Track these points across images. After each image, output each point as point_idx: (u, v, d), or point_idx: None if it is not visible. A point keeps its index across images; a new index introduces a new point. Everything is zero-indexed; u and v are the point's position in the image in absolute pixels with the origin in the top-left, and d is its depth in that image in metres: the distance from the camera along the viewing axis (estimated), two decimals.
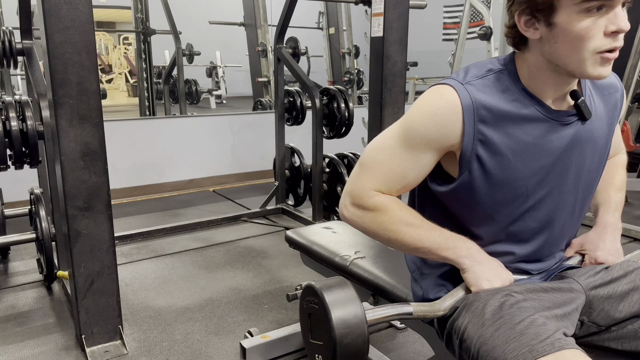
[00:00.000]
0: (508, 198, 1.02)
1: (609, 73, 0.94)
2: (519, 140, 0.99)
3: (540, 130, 1.00)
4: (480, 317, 0.96)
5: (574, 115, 1.02)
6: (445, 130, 0.99)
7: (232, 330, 2.15)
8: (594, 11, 0.88)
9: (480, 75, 1.01)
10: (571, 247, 1.18)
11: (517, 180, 1.01)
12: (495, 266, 1.05)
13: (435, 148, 1.01)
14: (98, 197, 1.87)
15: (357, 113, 3.49)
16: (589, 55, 0.91)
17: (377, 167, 1.06)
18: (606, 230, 1.17)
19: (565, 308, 1.00)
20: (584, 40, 0.90)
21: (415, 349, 2.00)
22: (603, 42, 0.90)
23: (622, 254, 1.16)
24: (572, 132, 1.02)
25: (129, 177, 4.29)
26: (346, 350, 0.91)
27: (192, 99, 7.56)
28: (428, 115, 1.00)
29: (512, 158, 0.99)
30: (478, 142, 0.98)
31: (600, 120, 1.06)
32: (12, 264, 2.87)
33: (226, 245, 3.17)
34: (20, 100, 2.19)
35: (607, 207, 1.21)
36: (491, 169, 0.99)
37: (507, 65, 1.02)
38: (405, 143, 1.03)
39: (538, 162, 1.00)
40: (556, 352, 0.85)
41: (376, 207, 1.05)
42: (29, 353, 1.99)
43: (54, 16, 1.69)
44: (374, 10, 2.62)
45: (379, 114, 2.72)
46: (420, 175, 1.06)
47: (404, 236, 1.04)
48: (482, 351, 0.91)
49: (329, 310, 0.92)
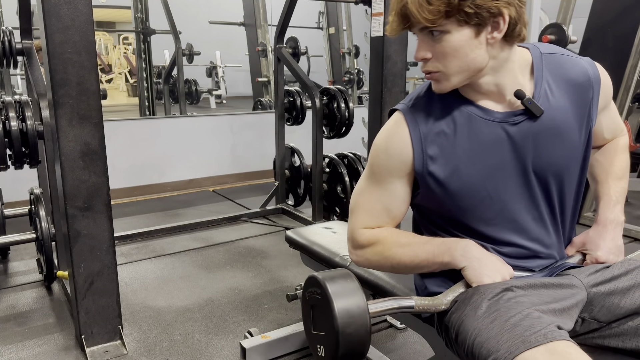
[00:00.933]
0: (473, 203, 1.06)
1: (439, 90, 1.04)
2: (465, 148, 1.04)
3: (486, 133, 1.04)
4: (477, 309, 0.97)
5: (522, 114, 1.03)
6: (399, 159, 1.08)
7: (232, 330, 2.15)
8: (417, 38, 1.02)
9: (422, 95, 1.10)
10: (572, 246, 1.18)
11: (475, 186, 1.05)
12: (494, 261, 1.06)
13: (400, 176, 1.10)
14: (98, 197, 1.87)
15: (357, 113, 3.49)
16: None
17: (361, 209, 1.16)
18: (606, 228, 1.17)
19: (563, 303, 1.00)
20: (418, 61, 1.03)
21: (415, 349, 2.00)
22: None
23: (622, 251, 1.16)
24: (524, 129, 1.04)
25: (129, 177, 4.29)
26: (348, 339, 0.92)
27: (192, 99, 7.56)
28: (380, 149, 1.11)
29: (462, 166, 1.04)
30: (428, 159, 1.06)
31: (564, 112, 1.06)
32: (12, 264, 2.87)
33: (226, 245, 3.17)
34: (20, 100, 2.19)
35: (607, 201, 1.20)
36: (445, 181, 1.05)
37: None
38: (374, 180, 1.13)
39: (490, 163, 1.04)
40: (548, 343, 0.86)
41: (370, 241, 1.14)
42: (29, 353, 1.99)
43: (54, 16, 1.69)
44: (374, 10, 2.62)
45: (379, 114, 2.72)
46: (402, 204, 1.13)
47: (402, 257, 1.11)
48: (477, 342, 0.92)
49: (332, 300, 0.93)
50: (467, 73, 1.00)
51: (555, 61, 1.09)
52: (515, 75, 1.04)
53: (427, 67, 1.01)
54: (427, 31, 0.97)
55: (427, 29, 0.96)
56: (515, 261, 1.11)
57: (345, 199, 3.28)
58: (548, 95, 1.05)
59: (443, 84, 1.02)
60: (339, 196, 3.34)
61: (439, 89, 1.03)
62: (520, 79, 1.05)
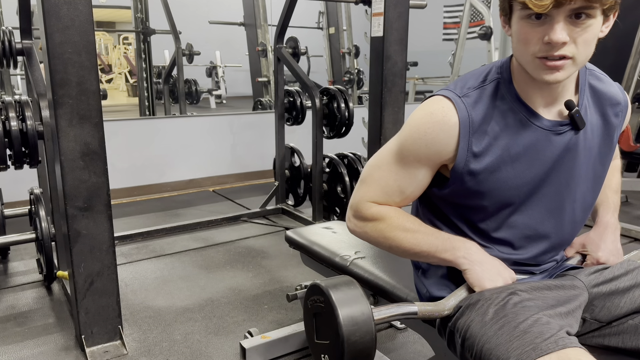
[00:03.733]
0: (500, 206, 1.05)
1: (555, 79, 0.95)
2: (510, 151, 1.01)
3: (532, 140, 1.02)
4: (484, 315, 0.96)
5: (567, 124, 1.03)
6: (436, 149, 1.03)
7: (232, 330, 2.15)
8: (533, 19, 0.92)
9: (476, 86, 1.04)
10: (572, 247, 1.18)
11: (509, 190, 1.03)
12: (496, 265, 1.06)
13: (429, 165, 1.06)
14: (98, 197, 1.87)
15: (357, 113, 3.49)
16: (530, 58, 0.95)
17: (376, 183, 1.12)
18: (607, 231, 1.18)
19: (568, 306, 1.00)
20: (523, 44, 0.95)
21: (415, 349, 1.99)
22: (540, 48, 0.93)
23: (622, 254, 1.17)
24: (565, 141, 1.03)
25: (129, 177, 4.29)
26: (354, 348, 0.91)
27: (192, 99, 7.56)
28: (418, 135, 1.04)
29: (503, 168, 1.02)
30: (471, 156, 1.01)
31: (594, 131, 1.07)
32: (12, 264, 2.86)
33: (226, 245, 3.17)
34: (20, 100, 2.19)
35: (607, 207, 1.22)
36: (483, 180, 1.03)
37: (502, 72, 1.04)
38: (399, 160, 1.08)
39: (530, 171, 1.02)
40: (560, 351, 0.85)
41: (374, 216, 1.11)
42: (29, 353, 1.99)
43: (54, 16, 1.69)
44: (374, 10, 2.62)
45: (379, 114, 2.72)
46: (418, 189, 1.10)
47: (403, 242, 1.08)
48: (485, 349, 0.92)
49: (336, 308, 0.92)
50: (585, 63, 0.97)
51: (596, 78, 1.09)
52: (570, 81, 1.03)
53: (562, 51, 0.91)
54: (576, 14, 0.90)
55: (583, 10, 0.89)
56: (520, 266, 1.11)
57: (345, 199, 3.28)
58: (587, 109, 1.06)
59: (566, 72, 0.94)
60: (339, 196, 3.34)
61: (556, 79, 0.94)
62: (570, 88, 1.04)
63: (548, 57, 0.92)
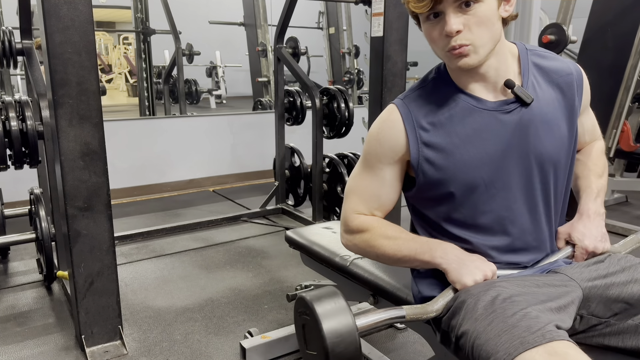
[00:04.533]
0: (467, 190, 1.09)
1: (466, 64, 1.03)
2: (459, 135, 1.08)
3: (480, 122, 1.08)
4: (473, 312, 0.97)
5: (514, 102, 1.08)
6: (389, 145, 1.13)
7: (232, 330, 2.15)
8: (431, 18, 1.02)
9: (416, 87, 1.16)
10: (560, 238, 1.19)
11: (469, 172, 1.08)
12: (473, 259, 1.08)
13: (389, 163, 1.14)
14: (98, 197, 1.87)
15: (357, 113, 3.49)
16: (442, 53, 1.05)
17: (354, 193, 1.21)
18: (589, 218, 1.19)
19: (560, 301, 1.00)
20: (433, 42, 1.06)
21: (415, 349, 2.00)
22: (445, 42, 1.02)
23: (608, 238, 1.18)
24: (516, 117, 1.08)
25: (129, 177, 4.29)
26: (339, 359, 0.92)
27: (192, 99, 7.56)
28: (372, 137, 1.17)
29: (457, 152, 1.08)
30: (423, 146, 1.10)
31: (551, 104, 1.11)
32: (12, 264, 2.87)
33: (226, 245, 3.17)
34: (20, 100, 2.19)
35: (589, 193, 1.23)
36: (441, 166, 1.09)
37: (439, 70, 1.14)
38: (366, 166, 1.19)
39: (484, 151, 1.07)
40: (546, 344, 0.86)
41: (360, 227, 1.19)
42: (29, 353, 1.99)
43: (54, 16, 1.69)
44: (374, 10, 2.62)
45: (379, 114, 2.71)
46: (391, 191, 1.17)
47: (386, 249, 1.15)
48: (476, 345, 0.93)
49: (320, 322, 0.94)
50: (492, 44, 1.04)
51: (539, 56, 1.15)
52: (508, 64, 1.09)
53: (459, 41, 1.00)
54: (465, 2, 0.98)
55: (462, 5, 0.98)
56: (507, 255, 1.12)
57: None
58: (535, 86, 1.10)
59: (472, 58, 1.03)
60: (339, 196, 3.34)
61: (467, 64, 1.03)
62: (511, 70, 1.10)
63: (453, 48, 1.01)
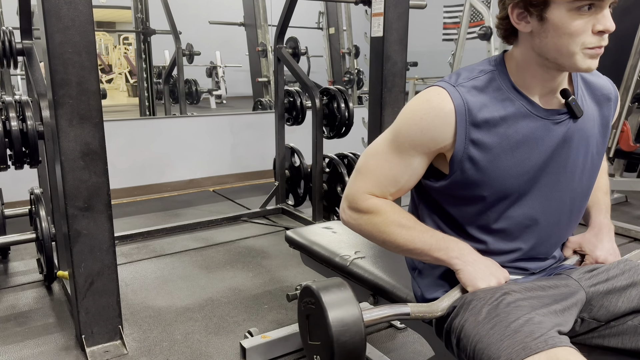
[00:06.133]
0: (500, 195, 1.05)
1: (596, 66, 0.97)
2: (510, 139, 1.01)
3: (531, 128, 1.02)
4: (477, 315, 0.96)
5: (565, 113, 1.04)
6: (432, 135, 1.02)
7: (232, 330, 2.15)
8: (584, 10, 0.91)
9: (472, 77, 1.04)
10: (568, 247, 1.19)
11: (509, 179, 1.03)
12: (489, 265, 1.06)
13: (424, 152, 1.05)
14: (98, 197, 1.87)
15: (357, 113, 3.49)
16: (579, 50, 0.94)
17: (371, 172, 1.11)
18: (602, 231, 1.19)
19: (564, 303, 1.00)
20: (574, 37, 0.93)
21: (415, 349, 2.00)
22: (591, 40, 0.93)
23: (619, 253, 1.18)
24: (564, 130, 1.04)
25: (129, 177, 4.29)
26: (344, 348, 0.92)
27: (192, 99, 7.55)
28: (414, 121, 1.03)
29: (503, 157, 1.02)
30: (470, 143, 1.01)
31: (592, 120, 1.08)
32: (12, 264, 2.87)
33: (226, 245, 3.17)
34: (20, 100, 2.19)
35: (599, 208, 1.23)
36: (483, 168, 1.02)
37: (497, 65, 1.05)
38: (394, 148, 1.07)
39: (529, 160, 1.03)
40: (549, 350, 0.86)
41: (370, 209, 1.10)
42: (29, 353, 1.99)
43: (54, 16, 1.69)
44: (374, 10, 2.62)
45: (379, 114, 2.72)
46: (412, 179, 1.09)
47: (397, 237, 1.08)
48: (478, 349, 0.92)
49: (326, 310, 0.93)
50: None
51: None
52: (565, 75, 1.04)
53: (604, 41, 0.95)
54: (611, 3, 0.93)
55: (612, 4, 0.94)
56: (517, 262, 1.11)
57: None
58: (583, 100, 1.07)
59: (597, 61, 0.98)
60: (339, 196, 3.34)
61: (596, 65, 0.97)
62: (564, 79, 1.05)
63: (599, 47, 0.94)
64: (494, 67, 1.04)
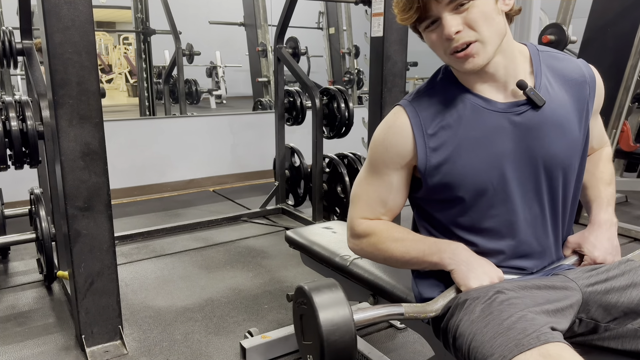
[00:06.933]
0: (477, 193, 1.07)
1: (475, 65, 1.01)
2: (469, 138, 1.05)
3: (490, 124, 1.05)
4: (471, 314, 0.97)
5: (525, 104, 1.05)
6: (396, 151, 1.10)
7: (232, 330, 2.15)
8: (431, 27, 1.01)
9: (425, 88, 1.13)
10: (568, 247, 1.18)
11: (478, 175, 1.05)
12: (482, 264, 1.07)
13: (396, 168, 1.12)
14: (98, 197, 1.87)
15: (357, 113, 3.49)
16: (447, 58, 1.04)
17: (359, 198, 1.20)
18: (601, 229, 1.17)
19: (558, 304, 1.00)
20: (436, 48, 1.04)
21: (415, 349, 2.00)
22: (446, 47, 1.01)
23: (619, 251, 1.17)
24: (527, 120, 1.05)
25: (129, 177, 4.29)
26: (334, 347, 0.94)
27: (192, 99, 7.56)
28: (379, 142, 1.14)
29: (466, 156, 1.05)
30: (431, 151, 1.07)
31: (564, 106, 1.08)
32: (12, 264, 2.87)
33: (226, 245, 3.17)
34: (20, 100, 2.20)
35: (600, 203, 1.21)
36: (450, 170, 1.06)
37: (445, 72, 1.12)
38: (373, 172, 1.16)
39: (494, 154, 1.05)
40: (541, 346, 0.86)
41: (366, 232, 1.17)
42: (29, 353, 2.00)
43: (54, 16, 1.69)
44: (374, 10, 2.62)
45: (379, 114, 2.72)
46: (398, 196, 1.16)
47: (394, 251, 1.14)
48: (472, 347, 0.93)
49: (317, 310, 0.95)
50: (498, 40, 1.01)
51: (551, 57, 1.12)
52: (517, 63, 1.07)
53: (461, 40, 0.98)
54: (454, 5, 0.96)
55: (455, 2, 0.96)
56: (511, 260, 1.11)
57: (345, 199, 3.28)
58: (548, 88, 1.08)
59: (481, 56, 1.00)
60: (339, 196, 3.34)
61: (475, 65, 1.00)
62: (522, 70, 1.07)
63: (457, 51, 0.99)
64: (443, 75, 1.12)
